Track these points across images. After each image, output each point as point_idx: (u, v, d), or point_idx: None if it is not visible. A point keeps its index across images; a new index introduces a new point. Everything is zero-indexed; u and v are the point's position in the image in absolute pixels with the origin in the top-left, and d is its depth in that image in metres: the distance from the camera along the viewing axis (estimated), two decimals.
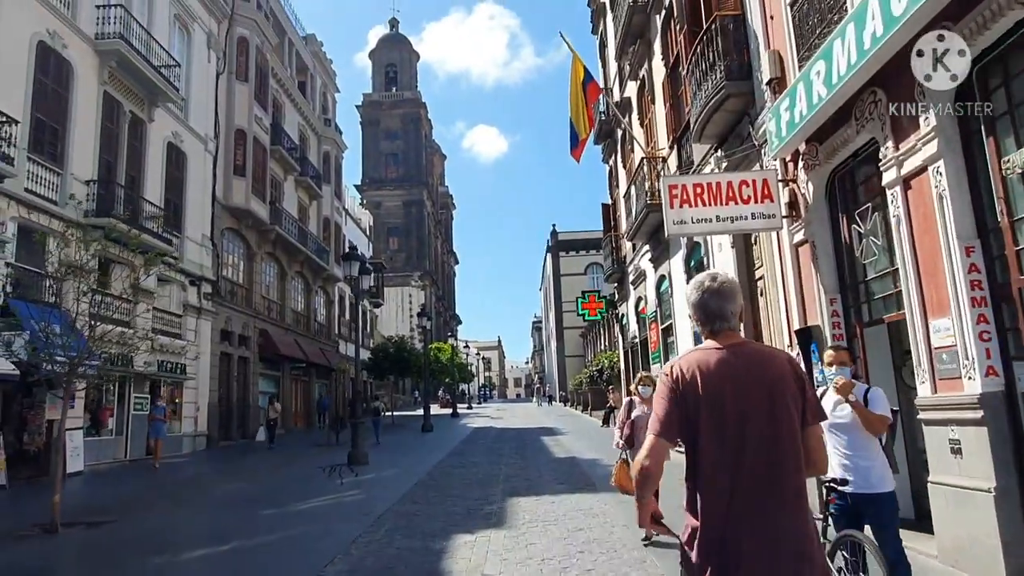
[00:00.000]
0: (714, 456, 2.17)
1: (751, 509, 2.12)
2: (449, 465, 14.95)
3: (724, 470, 2.15)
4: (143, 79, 19.45)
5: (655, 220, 15.22)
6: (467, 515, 9.01)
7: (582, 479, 11.89)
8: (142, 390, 19.42)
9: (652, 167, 15.06)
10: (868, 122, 6.53)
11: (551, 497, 10.12)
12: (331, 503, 10.74)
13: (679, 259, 14.16)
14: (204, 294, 23.50)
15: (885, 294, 6.93)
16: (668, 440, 2.24)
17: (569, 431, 24.75)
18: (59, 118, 16.57)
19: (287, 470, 15.99)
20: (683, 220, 8.27)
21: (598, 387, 34.39)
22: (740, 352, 2.28)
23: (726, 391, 2.19)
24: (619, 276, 21.65)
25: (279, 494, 11.81)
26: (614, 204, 22.74)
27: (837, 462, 4.17)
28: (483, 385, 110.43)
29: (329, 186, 38.70)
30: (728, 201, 8.22)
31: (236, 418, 26.08)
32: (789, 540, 2.12)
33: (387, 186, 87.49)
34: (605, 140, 22.76)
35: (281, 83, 32.22)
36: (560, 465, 14.48)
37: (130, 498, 12.09)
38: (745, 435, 2.15)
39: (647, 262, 17.31)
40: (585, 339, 53.10)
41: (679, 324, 14.63)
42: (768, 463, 2.15)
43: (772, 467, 2.15)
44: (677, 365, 2.30)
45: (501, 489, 11.16)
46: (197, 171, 23.47)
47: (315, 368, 35.25)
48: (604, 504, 9.34)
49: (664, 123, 14.85)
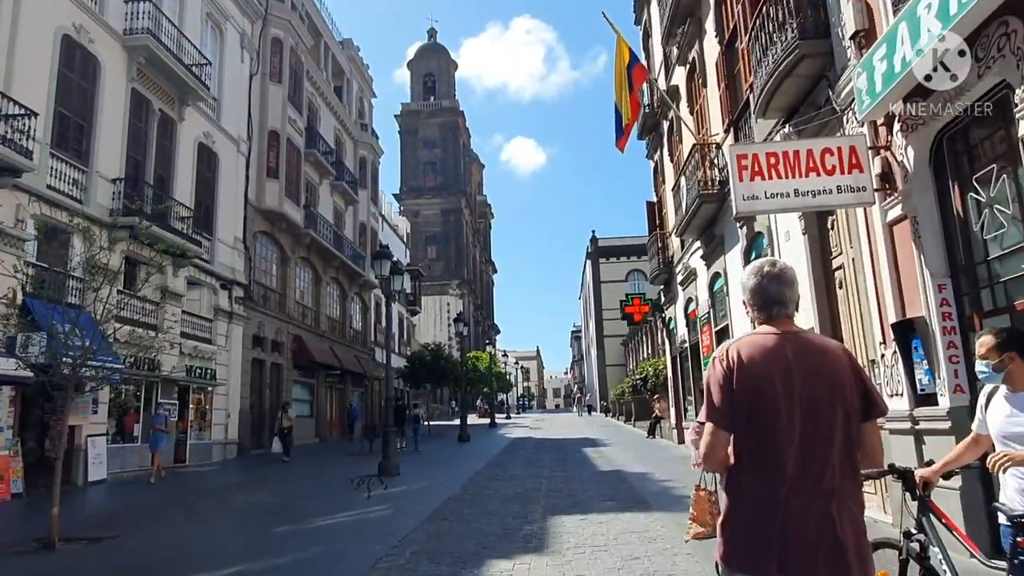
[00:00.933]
0: (763, 445, 2.10)
1: (800, 502, 2.04)
2: (486, 477, 13.87)
3: (773, 460, 2.08)
4: (173, 77, 18.97)
5: (708, 212, 14.01)
6: (504, 536, 7.91)
7: (632, 496, 10.68)
8: (170, 396, 18.82)
9: (704, 155, 13.83)
10: (995, 61, 5.29)
11: (599, 516, 8.95)
12: (354, 519, 9.75)
13: (736, 253, 12.88)
14: (236, 298, 22.95)
15: (1015, 275, 5.65)
16: (725, 429, 2.15)
17: (612, 442, 23.46)
18: (85, 114, 16.11)
19: (313, 481, 15.12)
20: (754, 195, 7.08)
21: (641, 396, 32.93)
22: (796, 340, 2.21)
23: (781, 378, 2.11)
24: (666, 277, 20.35)
25: (300, 508, 10.87)
26: (659, 201, 21.48)
27: (1018, 487, 2.96)
28: (521, 395, 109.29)
29: (365, 191, 38.17)
30: (808, 172, 7.02)
31: (268, 426, 25.38)
32: (838, 535, 2.03)
33: (425, 194, 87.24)
34: (650, 134, 21.54)
35: (316, 86, 31.78)
36: (605, 479, 13.27)
37: (144, 510, 11.29)
38: (798, 424, 2.08)
39: (698, 259, 16.04)
40: (626, 347, 51.57)
41: (737, 326, 13.33)
42: (820, 455, 2.08)
43: (824, 459, 2.08)
44: (732, 348, 2.20)
45: (542, 506, 10.03)
46: (229, 172, 22.98)
47: (350, 376, 34.58)
48: (661, 526, 8.13)
49: (718, 106, 13.63)
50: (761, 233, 11.31)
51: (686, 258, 17.57)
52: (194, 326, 20.46)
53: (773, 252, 10.69)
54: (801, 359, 2.14)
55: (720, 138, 13.59)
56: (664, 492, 10.95)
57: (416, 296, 54.49)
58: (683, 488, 11.20)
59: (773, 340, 2.18)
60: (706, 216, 14.25)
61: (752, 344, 2.19)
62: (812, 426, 2.07)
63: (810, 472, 2.05)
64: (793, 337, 2.20)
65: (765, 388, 2.10)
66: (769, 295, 2.27)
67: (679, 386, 20.05)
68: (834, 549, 2.01)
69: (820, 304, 9.07)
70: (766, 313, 2.29)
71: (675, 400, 20.72)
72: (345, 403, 34.91)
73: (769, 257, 2.36)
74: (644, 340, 42.30)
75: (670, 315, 20.88)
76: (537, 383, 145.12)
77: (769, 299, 2.27)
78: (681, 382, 19.71)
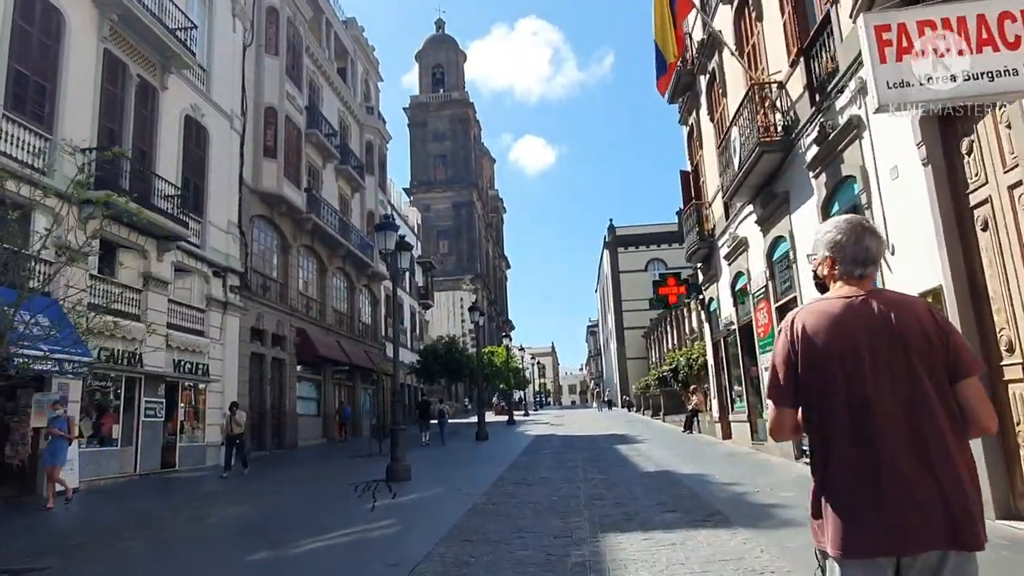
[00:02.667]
0: (844, 420, 1.95)
1: (894, 479, 1.88)
2: (511, 482, 11.80)
3: (858, 436, 1.93)
4: (152, 39, 17.03)
5: (768, 165, 11.89)
6: (547, 566, 5.85)
7: (698, 505, 8.54)
8: (156, 393, 16.90)
9: (764, 97, 11.68)
10: None
11: (666, 535, 6.85)
12: (352, 540, 7.71)
13: (808, 210, 10.72)
14: (231, 287, 21.01)
15: None
16: (791, 407, 2.06)
17: (646, 438, 21.32)
18: (47, 74, 14.19)
19: (310, 488, 13.14)
20: (904, 81, 4.95)
21: (671, 389, 30.77)
22: (874, 301, 2.04)
23: (857, 346, 1.97)
24: (706, 252, 18.15)
25: (288, 524, 8.84)
26: (695, 171, 19.30)
27: None
28: (538, 391, 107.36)
29: (373, 178, 36.21)
30: (981, 47, 4.89)
31: (270, 426, 23.53)
32: (941, 512, 1.85)
33: (436, 188, 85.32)
34: (683, 95, 19.33)
35: (318, 63, 29.82)
36: (654, 482, 11.16)
37: (99, 528, 9.31)
38: (882, 396, 1.93)
39: (750, 226, 13.88)
40: (648, 339, 49.34)
41: (807, 297, 11.17)
42: (911, 426, 1.91)
43: (917, 430, 1.91)
44: (797, 319, 2.08)
45: (587, 519, 7.94)
46: (222, 150, 21.04)
47: (359, 371, 32.63)
48: (760, 550, 6.02)
49: (780, 37, 11.47)
50: (850, 177, 9.14)
51: (733, 227, 15.40)
52: (183, 317, 18.55)
53: (871, 200, 8.54)
54: (878, 323, 2.00)
55: (784, 75, 11.43)
56: (738, 500, 8.82)
57: (428, 290, 52.53)
58: (757, 494, 9.10)
59: (843, 304, 2.04)
60: (765, 171, 12.10)
61: (818, 312, 2.06)
62: (897, 396, 1.93)
63: (902, 445, 1.90)
64: (870, 298, 2.05)
65: (837, 359, 1.98)
66: (862, 250, 2.11)
67: (723, 375, 17.86)
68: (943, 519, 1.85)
69: (952, 254, 6.91)
70: (854, 271, 2.11)
71: (717, 391, 18.53)
72: (355, 401, 33.01)
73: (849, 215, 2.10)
74: (668, 330, 40.08)
75: (711, 295, 18.68)
76: (553, 379, 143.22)
77: (862, 255, 2.11)
78: (726, 370, 17.53)
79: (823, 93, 9.73)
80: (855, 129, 8.74)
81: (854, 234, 2.12)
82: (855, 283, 2.10)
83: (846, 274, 2.12)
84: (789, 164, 11.50)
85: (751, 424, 15.36)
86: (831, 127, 9.36)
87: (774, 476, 10.76)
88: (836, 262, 2.14)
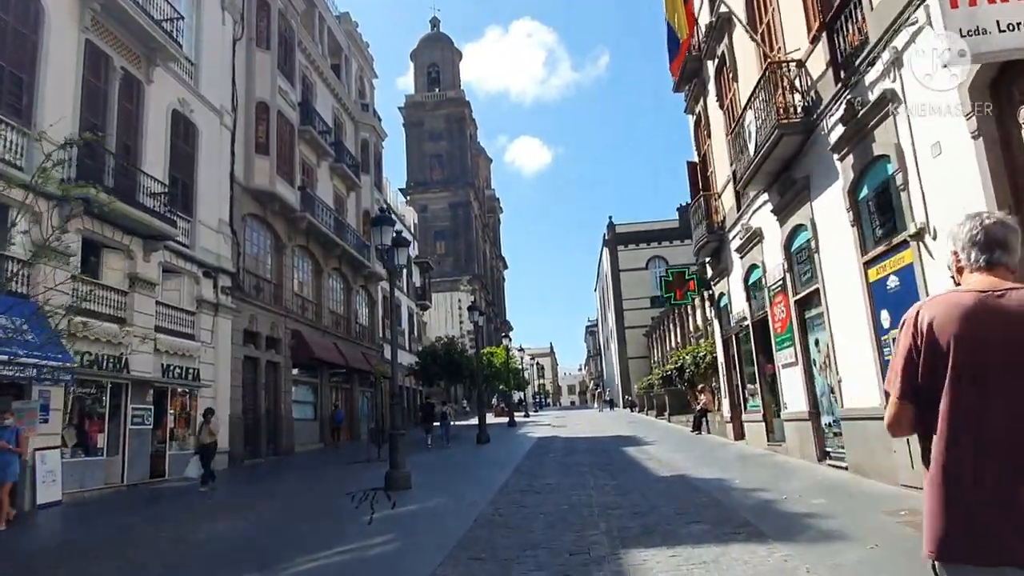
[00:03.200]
0: (969, 423, 1.81)
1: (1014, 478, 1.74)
2: (518, 489, 11.10)
3: (985, 441, 1.78)
4: (136, 30, 16.32)
5: (787, 149, 11.23)
6: None
7: (724, 515, 7.84)
8: (143, 400, 16.17)
9: (782, 77, 11.01)
10: None
11: (696, 550, 6.16)
12: (347, 561, 7.00)
13: (833, 195, 10.03)
14: (222, 288, 20.30)
15: None
16: (911, 402, 1.93)
17: (654, 439, 20.63)
18: (23, 65, 13.49)
19: (305, 498, 12.45)
20: (980, 28, 4.31)
21: (676, 388, 30.10)
22: (1011, 297, 1.85)
23: (989, 344, 1.81)
24: (715, 246, 17.45)
25: (275, 542, 8.11)
26: (703, 161, 18.63)
27: None
28: (537, 392, 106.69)
29: (368, 176, 35.49)
30: None
31: (265, 432, 22.82)
32: None
33: (433, 188, 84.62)
34: (689, 82, 18.64)
35: (311, 59, 29.11)
36: (671, 488, 10.47)
37: (70, 547, 8.61)
38: (1017, 400, 1.77)
39: (766, 216, 13.20)
40: (650, 338, 48.66)
41: (830, 288, 10.50)
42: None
43: None
44: (923, 310, 1.94)
45: (605, 532, 7.25)
46: (211, 146, 20.33)
47: (357, 374, 31.90)
48: (801, 567, 5.35)
49: (799, 12, 10.80)
50: (883, 157, 8.46)
51: (745, 218, 14.72)
52: (172, 319, 17.83)
53: (907, 180, 7.86)
54: (1002, 318, 1.83)
55: (803, 53, 10.76)
56: (766, 509, 8.12)
57: (426, 291, 51.85)
58: (785, 501, 8.41)
59: (974, 298, 1.88)
60: (783, 156, 11.42)
61: (945, 304, 1.91)
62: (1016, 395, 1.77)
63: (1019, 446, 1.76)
64: (1006, 293, 1.86)
65: (966, 357, 1.81)
66: (992, 235, 1.97)
67: (735, 373, 17.18)
68: None
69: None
70: (986, 256, 1.96)
71: (729, 389, 17.84)
72: (354, 404, 32.29)
73: None
74: (671, 328, 39.42)
75: (721, 290, 18.00)
76: (552, 380, 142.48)
77: (992, 239, 1.96)
78: (738, 368, 16.84)
79: (849, 68, 9.05)
80: (888, 104, 8.06)
81: (980, 223, 2.01)
82: (990, 271, 1.95)
83: (984, 256, 1.97)
84: (810, 147, 10.82)
85: (767, 424, 14.66)
86: (860, 104, 8.68)
87: (799, 481, 10.06)
88: (972, 246, 2.01)
